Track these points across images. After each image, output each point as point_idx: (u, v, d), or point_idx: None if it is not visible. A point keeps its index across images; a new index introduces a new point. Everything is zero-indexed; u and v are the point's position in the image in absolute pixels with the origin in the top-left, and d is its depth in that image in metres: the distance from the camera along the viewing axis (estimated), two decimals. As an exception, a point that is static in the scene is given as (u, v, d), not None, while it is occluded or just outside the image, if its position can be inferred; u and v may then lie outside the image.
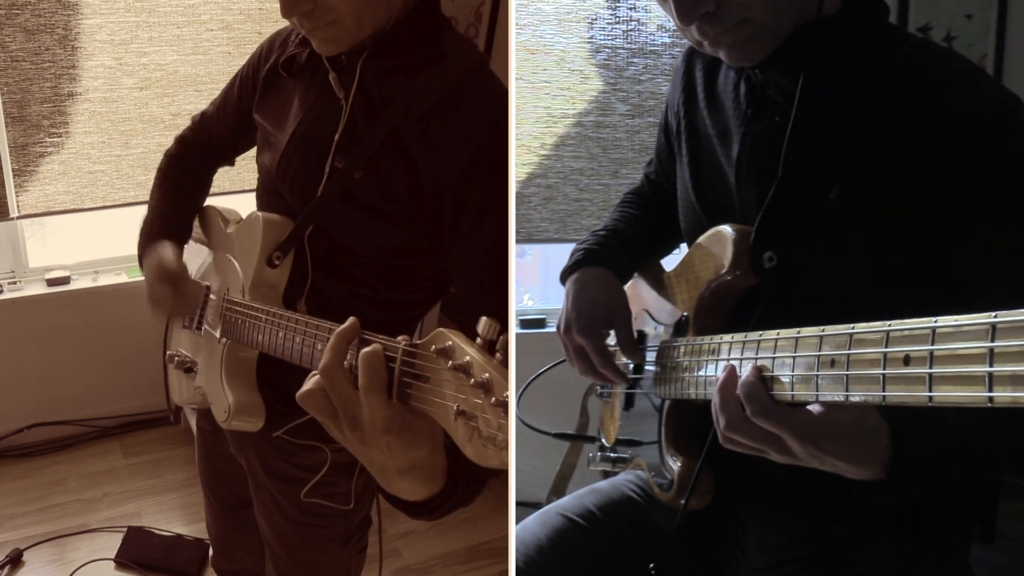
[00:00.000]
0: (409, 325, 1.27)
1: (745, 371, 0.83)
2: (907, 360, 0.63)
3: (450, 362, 0.71)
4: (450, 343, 0.72)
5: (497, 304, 1.03)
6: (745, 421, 0.82)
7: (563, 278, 1.23)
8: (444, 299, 1.26)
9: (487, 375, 0.69)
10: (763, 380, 0.81)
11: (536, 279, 3.11)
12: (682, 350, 1.04)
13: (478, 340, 0.72)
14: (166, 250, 1.28)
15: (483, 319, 0.72)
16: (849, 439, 0.80)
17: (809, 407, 0.80)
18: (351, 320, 0.82)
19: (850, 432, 0.80)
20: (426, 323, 1.25)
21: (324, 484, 1.25)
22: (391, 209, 1.08)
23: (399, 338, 0.78)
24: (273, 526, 1.33)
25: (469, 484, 0.83)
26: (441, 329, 0.75)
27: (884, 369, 0.65)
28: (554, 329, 1.21)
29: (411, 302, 1.22)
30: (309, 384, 0.80)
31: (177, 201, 1.41)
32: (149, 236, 1.35)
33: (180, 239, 1.36)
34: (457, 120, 1.04)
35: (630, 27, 2.59)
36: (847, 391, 0.70)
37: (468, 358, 0.70)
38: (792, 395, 0.78)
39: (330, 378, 0.78)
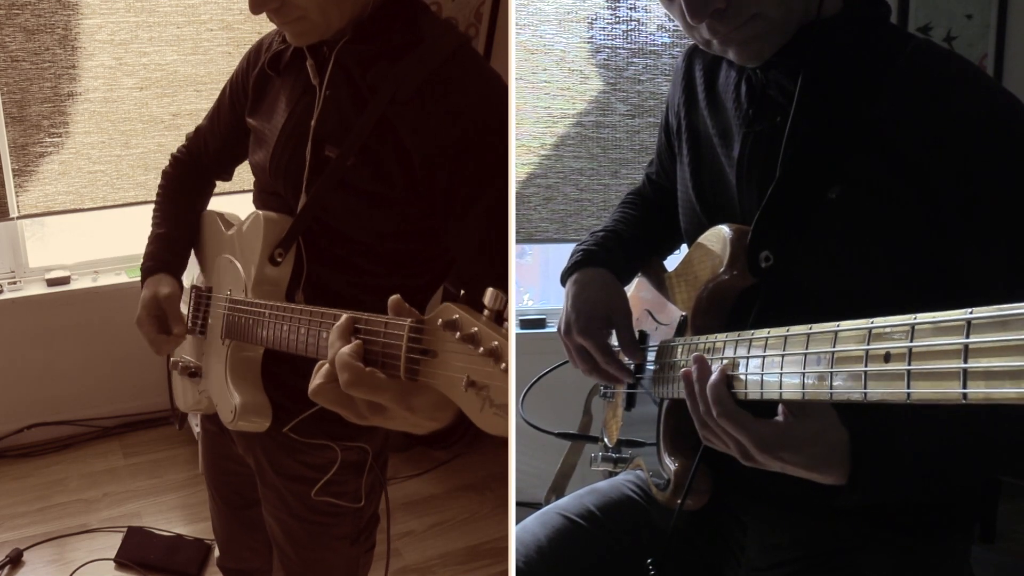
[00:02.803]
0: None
1: (714, 375, 0.86)
2: (887, 357, 0.63)
3: (458, 333, 0.71)
4: (457, 316, 0.72)
5: (498, 276, 1.03)
6: (712, 420, 0.86)
7: (563, 279, 1.23)
8: (444, 296, 1.26)
9: (496, 343, 0.69)
10: (728, 382, 0.85)
11: (536, 279, 3.11)
12: (679, 350, 1.04)
13: (485, 312, 0.72)
14: (163, 285, 1.31)
15: (489, 290, 0.72)
16: (808, 451, 0.83)
17: (776, 418, 0.83)
18: (344, 318, 0.82)
19: (809, 445, 0.83)
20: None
21: (334, 483, 1.26)
22: (387, 192, 1.09)
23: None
24: (282, 525, 1.33)
25: None
26: (448, 303, 0.75)
27: (866, 366, 0.65)
28: (554, 329, 1.21)
29: (412, 288, 1.22)
30: (318, 379, 0.80)
31: (179, 222, 1.42)
32: (152, 263, 1.36)
33: (179, 268, 1.38)
34: (443, 100, 1.06)
35: (630, 27, 2.59)
36: (831, 389, 0.70)
37: (476, 329, 0.70)
38: (781, 392, 0.78)
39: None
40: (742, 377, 0.84)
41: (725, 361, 0.86)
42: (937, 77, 0.91)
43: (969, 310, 0.55)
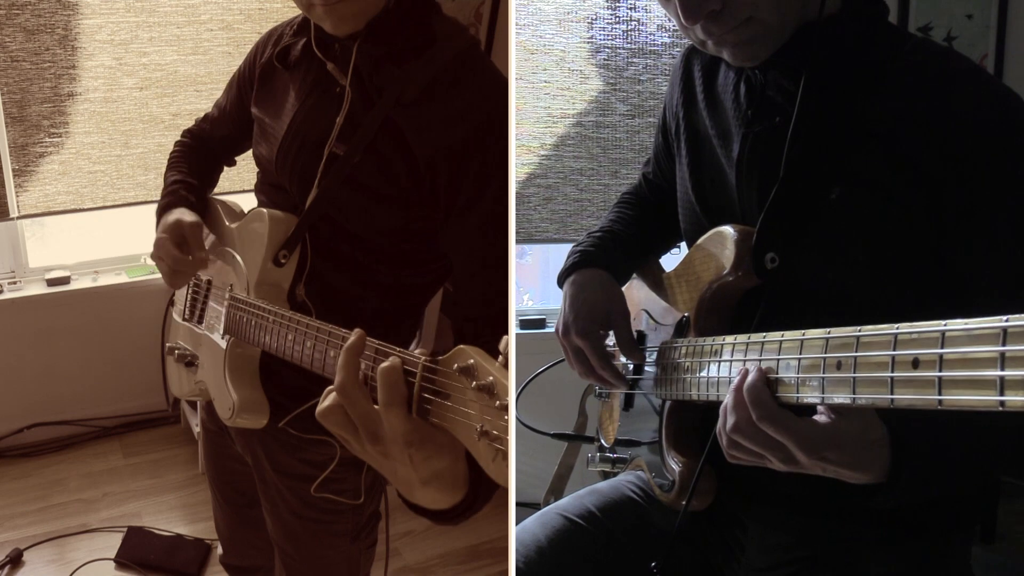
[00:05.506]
0: (412, 313, 1.27)
1: (751, 374, 0.82)
2: (916, 363, 0.62)
3: (474, 382, 0.71)
4: (472, 361, 0.72)
5: (494, 282, 1.03)
6: (752, 424, 0.82)
7: (560, 281, 1.23)
8: (444, 299, 1.27)
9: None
10: (768, 384, 0.81)
11: (536, 279, 3.10)
12: (683, 351, 1.04)
13: (500, 359, 0.71)
14: (186, 215, 1.28)
15: (505, 337, 0.72)
16: (852, 450, 0.81)
17: (815, 416, 0.80)
18: (357, 333, 0.81)
19: (853, 443, 0.81)
20: (426, 321, 1.25)
21: (333, 479, 1.26)
22: (391, 190, 1.09)
23: (417, 351, 0.77)
24: (281, 523, 1.33)
25: (489, 484, 0.82)
26: (463, 347, 0.74)
27: (892, 372, 0.65)
28: (553, 329, 1.21)
29: (414, 287, 1.22)
30: (327, 401, 0.79)
31: (198, 174, 1.41)
32: (171, 199, 1.33)
33: (199, 205, 1.35)
34: (446, 100, 1.06)
35: (630, 27, 2.59)
36: (854, 393, 0.70)
37: (491, 378, 0.70)
38: (797, 397, 0.78)
39: (348, 396, 0.77)
40: (786, 380, 0.80)
41: (766, 364, 0.82)
42: (937, 75, 0.91)
43: (1005, 318, 0.55)
